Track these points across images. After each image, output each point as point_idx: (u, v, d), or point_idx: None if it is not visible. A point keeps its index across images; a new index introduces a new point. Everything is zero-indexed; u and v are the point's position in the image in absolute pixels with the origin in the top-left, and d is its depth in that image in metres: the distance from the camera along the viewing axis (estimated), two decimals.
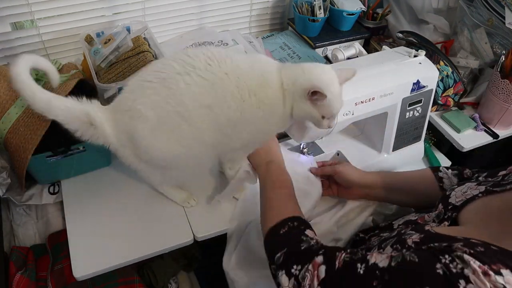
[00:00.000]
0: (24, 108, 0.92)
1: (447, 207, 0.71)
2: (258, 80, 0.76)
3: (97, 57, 1.00)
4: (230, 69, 0.75)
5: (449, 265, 0.48)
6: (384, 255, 0.56)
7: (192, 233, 0.90)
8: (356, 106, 0.92)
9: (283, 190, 0.80)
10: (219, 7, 1.41)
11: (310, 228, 0.69)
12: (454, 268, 0.48)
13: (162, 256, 1.08)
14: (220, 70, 0.74)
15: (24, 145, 0.86)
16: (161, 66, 0.77)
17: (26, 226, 0.98)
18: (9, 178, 0.94)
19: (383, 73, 0.94)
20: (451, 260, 0.49)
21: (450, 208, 0.70)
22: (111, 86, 0.96)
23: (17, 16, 1.12)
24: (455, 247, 0.50)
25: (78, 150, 0.93)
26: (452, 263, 0.48)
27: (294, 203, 0.78)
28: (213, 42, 1.38)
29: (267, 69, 0.78)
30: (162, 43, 1.37)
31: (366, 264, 0.56)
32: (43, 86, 0.96)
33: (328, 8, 1.44)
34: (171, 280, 1.14)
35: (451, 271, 0.48)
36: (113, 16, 1.26)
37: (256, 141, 0.86)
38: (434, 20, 1.41)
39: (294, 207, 0.76)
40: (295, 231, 0.69)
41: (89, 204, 0.94)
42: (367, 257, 0.57)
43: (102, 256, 0.84)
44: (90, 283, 0.92)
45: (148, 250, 0.87)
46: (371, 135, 1.12)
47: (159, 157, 0.80)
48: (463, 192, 0.71)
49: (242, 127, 0.78)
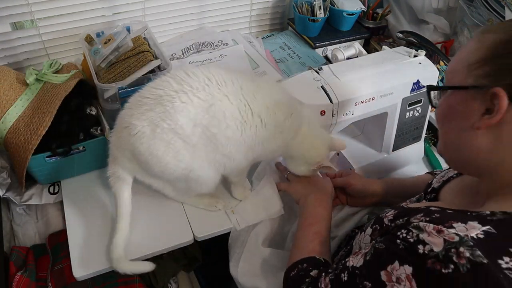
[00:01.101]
0: (24, 108, 0.92)
1: (427, 190, 0.78)
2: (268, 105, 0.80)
3: (97, 57, 1.00)
4: (232, 91, 0.77)
5: (406, 237, 0.52)
6: (359, 255, 0.60)
7: (192, 233, 0.90)
8: (356, 106, 0.92)
9: (311, 228, 0.80)
10: (219, 7, 1.41)
11: (318, 268, 0.69)
12: (411, 238, 0.52)
13: (162, 256, 1.08)
14: (220, 92, 0.76)
15: (24, 145, 0.86)
16: (159, 83, 0.79)
17: (26, 226, 0.98)
18: (9, 178, 0.94)
19: (383, 73, 0.94)
20: (407, 232, 0.53)
21: (430, 190, 0.77)
22: (111, 86, 0.96)
23: (17, 16, 1.12)
24: (412, 220, 0.55)
25: (78, 150, 0.93)
26: (409, 234, 0.52)
27: (317, 243, 0.77)
28: (213, 42, 1.39)
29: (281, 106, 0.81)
30: (162, 43, 1.38)
31: (347, 270, 0.59)
32: (43, 86, 0.97)
33: (328, 8, 1.44)
34: (171, 280, 1.14)
35: (409, 241, 0.52)
36: (113, 16, 1.26)
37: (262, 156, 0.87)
38: (434, 20, 1.41)
39: (315, 247, 0.76)
40: (302, 273, 0.69)
41: (89, 204, 0.94)
42: (346, 264, 0.61)
43: (102, 256, 0.84)
44: (90, 283, 0.92)
45: (148, 250, 0.87)
46: (371, 135, 1.12)
47: (158, 173, 0.82)
48: (442, 176, 0.79)
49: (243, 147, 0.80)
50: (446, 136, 0.63)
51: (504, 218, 0.50)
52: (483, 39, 0.56)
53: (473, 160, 0.59)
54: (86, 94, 1.01)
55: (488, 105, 0.54)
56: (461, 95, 0.58)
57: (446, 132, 0.63)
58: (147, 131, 0.76)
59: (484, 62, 0.55)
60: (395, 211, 0.64)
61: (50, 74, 0.99)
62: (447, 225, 0.50)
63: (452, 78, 0.60)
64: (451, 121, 0.61)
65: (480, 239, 0.47)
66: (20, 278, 0.86)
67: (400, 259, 0.51)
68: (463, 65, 0.58)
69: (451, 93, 0.61)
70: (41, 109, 0.90)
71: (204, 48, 1.37)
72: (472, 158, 0.59)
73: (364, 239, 0.67)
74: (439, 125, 0.65)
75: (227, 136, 0.77)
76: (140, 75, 0.99)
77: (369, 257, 0.57)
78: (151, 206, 0.94)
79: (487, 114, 0.54)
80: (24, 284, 0.86)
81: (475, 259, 0.45)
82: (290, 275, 0.71)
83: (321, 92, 0.88)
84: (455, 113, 0.59)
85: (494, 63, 0.54)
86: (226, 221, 0.93)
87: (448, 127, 0.62)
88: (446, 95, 0.62)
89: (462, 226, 0.49)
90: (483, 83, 0.54)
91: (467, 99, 0.57)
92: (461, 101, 0.58)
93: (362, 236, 0.68)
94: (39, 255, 0.95)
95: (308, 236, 0.79)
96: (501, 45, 0.54)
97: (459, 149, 0.60)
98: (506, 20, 0.58)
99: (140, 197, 0.95)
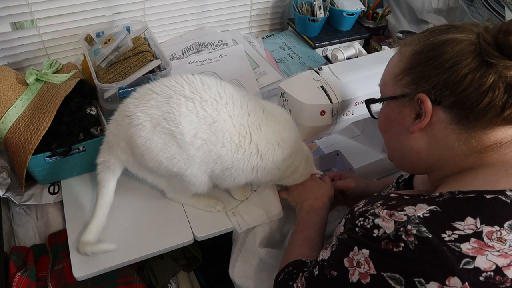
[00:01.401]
0: (24, 108, 0.92)
1: (398, 180, 0.84)
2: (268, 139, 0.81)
3: (97, 57, 1.00)
4: (238, 114, 0.78)
5: (363, 224, 0.58)
6: (328, 249, 0.64)
7: (192, 233, 0.90)
8: (356, 106, 0.92)
9: (302, 233, 0.82)
10: (219, 7, 1.41)
11: (302, 271, 0.70)
12: (367, 224, 0.57)
13: (162, 256, 1.08)
14: (226, 112, 0.77)
15: (24, 145, 0.86)
16: (173, 83, 0.78)
17: (26, 226, 0.98)
18: (9, 178, 0.94)
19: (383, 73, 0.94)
20: (364, 219, 0.58)
21: (401, 180, 0.83)
22: (111, 86, 0.96)
23: (17, 16, 1.12)
24: (370, 207, 0.60)
25: (78, 150, 0.93)
26: (365, 220, 0.58)
27: (306, 247, 0.79)
28: (213, 42, 1.39)
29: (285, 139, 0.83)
30: (162, 43, 1.38)
31: (318, 265, 0.64)
32: (43, 86, 0.97)
33: (328, 8, 1.44)
34: (171, 280, 1.14)
35: (366, 227, 0.57)
36: (113, 16, 1.26)
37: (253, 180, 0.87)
38: (434, 20, 1.41)
39: (303, 252, 0.78)
40: (286, 276, 0.72)
41: (89, 204, 0.94)
42: (318, 259, 0.65)
43: (102, 256, 0.84)
44: (90, 283, 0.92)
45: (148, 250, 0.87)
46: (371, 135, 1.12)
47: (153, 168, 0.81)
48: None
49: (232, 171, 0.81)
50: (389, 142, 0.70)
51: (448, 197, 0.55)
52: (403, 51, 0.63)
53: (416, 161, 0.65)
54: (86, 94, 1.01)
55: (417, 110, 0.60)
56: (393, 105, 0.64)
57: (388, 139, 0.69)
58: (148, 126, 0.76)
59: (406, 72, 0.61)
60: (366, 201, 0.68)
61: (50, 74, 0.99)
62: (399, 209, 0.55)
63: (384, 90, 0.67)
64: (389, 129, 0.67)
65: (426, 217, 0.52)
66: (20, 278, 0.86)
67: (358, 245, 0.56)
68: (390, 77, 0.64)
69: (386, 104, 0.67)
70: (41, 109, 0.90)
71: (204, 48, 1.37)
72: (415, 159, 0.64)
73: (339, 230, 0.70)
74: (382, 134, 0.71)
75: (219, 155, 0.78)
76: (140, 75, 0.99)
77: (334, 248, 0.62)
78: (151, 206, 0.94)
79: (418, 119, 0.60)
80: (24, 284, 0.86)
81: (421, 234, 0.50)
82: (278, 280, 0.74)
83: (321, 92, 0.88)
84: (392, 121, 0.66)
85: (413, 72, 0.60)
86: (226, 221, 0.93)
87: (388, 135, 0.68)
88: (382, 106, 0.69)
89: (411, 208, 0.55)
90: (408, 91, 0.61)
91: (399, 107, 0.63)
92: (394, 109, 0.64)
93: (338, 228, 0.72)
94: (39, 255, 0.95)
95: (298, 241, 0.81)
96: (416, 56, 0.60)
97: (402, 153, 0.66)
98: (420, 32, 0.64)
99: (140, 197, 0.96)
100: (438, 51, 0.57)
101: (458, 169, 0.60)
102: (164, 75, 1.02)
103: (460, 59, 0.55)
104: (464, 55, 0.55)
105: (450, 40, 0.57)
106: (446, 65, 0.56)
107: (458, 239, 0.49)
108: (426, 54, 0.59)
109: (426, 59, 0.58)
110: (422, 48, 0.60)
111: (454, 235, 0.49)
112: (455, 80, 0.55)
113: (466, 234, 0.49)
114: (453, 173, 0.61)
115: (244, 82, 1.25)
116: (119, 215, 0.92)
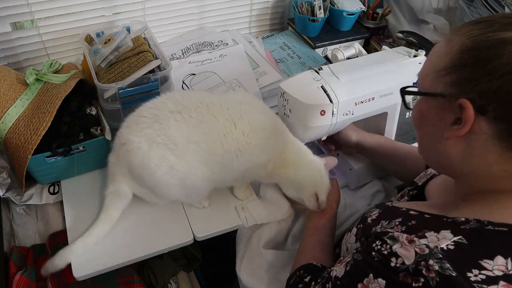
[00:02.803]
0: (24, 108, 0.92)
1: (410, 187, 0.79)
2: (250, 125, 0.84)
3: (97, 57, 1.00)
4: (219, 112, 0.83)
5: (380, 250, 0.53)
6: (342, 264, 0.61)
7: (192, 233, 0.90)
8: (356, 106, 0.92)
9: (313, 237, 0.82)
10: (219, 7, 1.41)
11: (312, 274, 0.69)
12: (385, 250, 0.52)
13: (162, 256, 1.08)
14: (209, 112, 0.82)
15: (24, 145, 0.86)
16: (157, 103, 0.84)
17: (26, 226, 0.98)
18: (9, 178, 0.94)
19: (383, 73, 0.94)
20: (381, 243, 0.53)
21: (413, 188, 0.77)
22: (111, 86, 0.96)
23: (17, 16, 1.12)
24: (389, 229, 0.56)
25: (78, 150, 0.93)
26: (383, 245, 0.53)
27: (317, 250, 0.79)
28: (213, 42, 1.39)
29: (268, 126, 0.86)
30: (162, 43, 1.38)
31: (331, 281, 0.61)
32: (43, 86, 0.97)
33: (328, 8, 1.44)
34: (171, 280, 1.14)
35: (383, 254, 0.52)
36: (113, 16, 1.26)
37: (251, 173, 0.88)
38: (434, 20, 1.41)
39: (314, 255, 0.77)
40: (297, 280, 0.71)
41: (89, 204, 0.93)
42: (331, 274, 0.62)
43: (102, 256, 0.84)
44: (90, 283, 0.92)
45: (148, 250, 0.87)
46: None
47: (151, 186, 0.85)
48: (426, 172, 0.80)
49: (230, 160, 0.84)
50: (422, 140, 0.63)
51: (476, 227, 0.49)
52: (452, 43, 0.54)
53: (447, 166, 0.59)
54: (86, 94, 1.01)
55: (457, 114, 0.52)
56: (431, 102, 0.56)
57: (421, 136, 0.63)
58: (144, 147, 0.81)
59: (451, 69, 0.52)
60: (379, 211, 0.65)
61: (50, 74, 0.99)
62: (420, 234, 0.50)
63: (423, 82, 0.58)
64: (423, 127, 0.60)
65: (450, 250, 0.47)
66: (20, 278, 0.86)
67: (374, 272, 0.52)
68: (432, 70, 0.56)
69: (423, 98, 0.59)
70: (41, 109, 0.90)
71: (204, 48, 1.37)
72: (446, 163, 0.58)
73: (350, 239, 0.68)
74: (415, 129, 0.64)
75: (211, 150, 0.82)
76: (140, 75, 0.99)
77: (349, 268, 0.58)
78: (151, 206, 0.94)
79: (457, 124, 0.53)
80: (24, 284, 0.86)
81: (444, 272, 0.45)
82: (290, 283, 0.73)
83: (321, 92, 0.88)
84: (427, 120, 0.58)
85: (460, 71, 0.51)
86: (226, 221, 0.93)
87: (422, 133, 0.62)
88: (418, 100, 0.60)
89: (434, 236, 0.49)
90: (451, 92, 0.52)
91: (436, 107, 0.55)
92: (431, 108, 0.56)
93: (348, 236, 0.70)
94: (39, 255, 0.95)
95: (308, 244, 0.81)
96: (467, 53, 0.51)
97: (434, 154, 0.60)
98: (474, 21, 0.55)
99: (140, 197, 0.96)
100: (494, 52, 0.48)
101: (490, 189, 0.54)
102: (164, 75, 1.02)
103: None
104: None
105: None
106: (501, 70, 0.47)
107: (486, 280, 0.44)
108: (479, 54, 0.50)
109: (477, 59, 0.50)
110: (475, 44, 0.50)
111: (482, 275, 0.44)
112: (509, 90, 0.47)
113: (495, 275, 0.44)
114: (484, 191, 0.55)
115: (244, 82, 1.25)
116: (119, 215, 0.92)
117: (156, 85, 1.01)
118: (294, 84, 0.92)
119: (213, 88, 1.23)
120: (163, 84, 1.03)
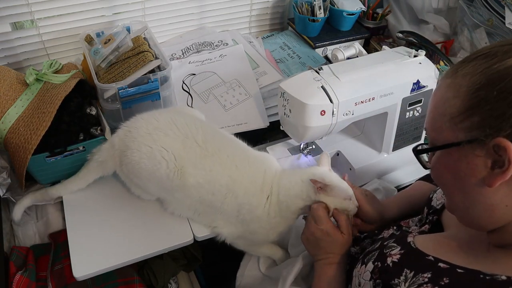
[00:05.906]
0: (24, 108, 0.92)
1: (429, 211, 0.72)
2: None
3: (97, 57, 1.00)
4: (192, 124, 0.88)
5: None
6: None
7: (192, 233, 0.90)
8: (356, 106, 0.92)
9: (320, 284, 0.75)
10: (219, 7, 1.41)
11: None
12: None
13: (162, 256, 1.08)
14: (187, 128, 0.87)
15: (24, 145, 0.86)
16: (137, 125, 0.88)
17: (26, 226, 0.98)
18: (9, 178, 0.94)
19: (383, 73, 0.94)
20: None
21: (432, 211, 0.70)
22: (111, 86, 0.96)
23: (17, 16, 1.12)
24: (416, 279, 0.52)
25: (78, 150, 0.93)
26: None
27: None
28: (213, 42, 1.39)
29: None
30: (162, 43, 1.38)
31: None
32: (43, 86, 0.97)
33: (328, 8, 1.44)
34: (171, 280, 1.14)
35: None
36: (113, 16, 1.26)
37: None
38: (434, 20, 1.41)
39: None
40: None
41: (89, 204, 0.94)
42: None
43: (102, 256, 0.84)
44: (90, 283, 0.92)
45: (148, 250, 0.87)
46: (371, 135, 1.12)
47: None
48: (443, 194, 0.71)
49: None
50: (452, 197, 0.56)
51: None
52: (454, 85, 0.50)
53: (487, 218, 0.52)
54: (86, 94, 1.01)
55: (494, 157, 0.47)
56: (456, 154, 0.51)
57: (452, 193, 0.56)
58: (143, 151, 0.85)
59: (469, 112, 0.48)
60: (401, 250, 0.58)
61: (50, 74, 0.99)
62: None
63: (436, 136, 0.54)
64: (454, 183, 0.53)
65: None
66: (20, 278, 0.86)
67: None
68: (445, 119, 0.51)
69: (444, 152, 0.53)
70: (41, 109, 0.90)
71: (204, 48, 1.36)
72: (486, 216, 0.52)
73: (364, 275, 0.62)
74: (440, 186, 0.59)
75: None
76: (140, 75, 0.99)
77: None
78: (151, 206, 0.94)
79: (497, 168, 0.47)
80: (24, 284, 0.86)
81: None
82: None
83: (321, 92, 0.88)
84: (457, 173, 0.52)
85: (480, 111, 0.47)
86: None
87: (452, 188, 0.55)
88: (438, 155, 0.55)
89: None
90: (477, 136, 0.47)
91: (466, 156, 0.50)
92: (459, 160, 0.51)
93: (362, 269, 0.62)
94: (39, 255, 0.95)
95: None
96: (481, 90, 0.47)
97: (471, 208, 0.53)
98: (470, 57, 0.52)
99: (139, 197, 0.96)
100: (510, 81, 0.45)
101: None
102: (164, 75, 1.02)
103: None
104: None
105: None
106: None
107: None
108: (495, 87, 0.46)
109: (496, 93, 0.46)
110: (488, 78, 0.47)
111: None
112: None
113: None
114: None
115: (244, 82, 1.25)
116: (120, 215, 0.92)
117: (156, 85, 1.01)
118: (294, 84, 0.92)
119: (213, 88, 1.23)
120: (163, 84, 1.03)
